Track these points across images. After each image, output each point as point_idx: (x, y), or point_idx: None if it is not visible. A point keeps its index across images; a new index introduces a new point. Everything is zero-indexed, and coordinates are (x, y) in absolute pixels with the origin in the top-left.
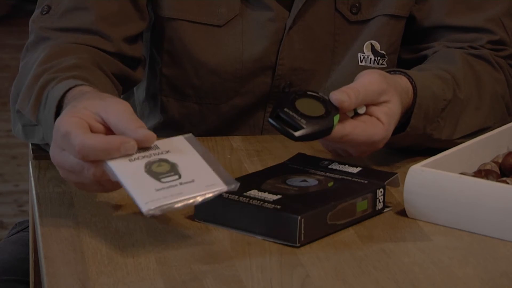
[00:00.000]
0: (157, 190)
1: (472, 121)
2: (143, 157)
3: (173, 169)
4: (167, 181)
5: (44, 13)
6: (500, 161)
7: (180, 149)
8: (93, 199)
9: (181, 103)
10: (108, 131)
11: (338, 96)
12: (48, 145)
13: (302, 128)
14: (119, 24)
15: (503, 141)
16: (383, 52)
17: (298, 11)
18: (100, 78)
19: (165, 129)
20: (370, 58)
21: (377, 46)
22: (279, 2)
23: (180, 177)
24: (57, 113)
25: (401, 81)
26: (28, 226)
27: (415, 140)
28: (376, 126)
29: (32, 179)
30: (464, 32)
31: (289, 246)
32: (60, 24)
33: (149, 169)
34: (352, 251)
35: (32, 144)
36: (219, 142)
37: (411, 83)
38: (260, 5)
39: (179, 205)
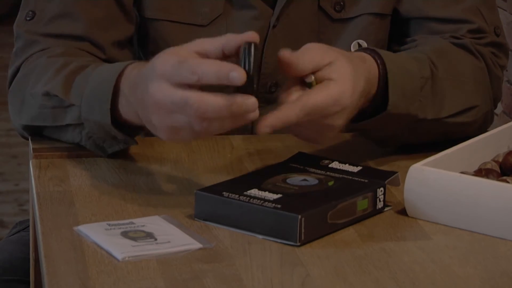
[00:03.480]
0: (133, 246)
1: (457, 99)
2: (119, 229)
3: (149, 235)
4: (143, 243)
5: (28, 18)
6: (500, 160)
7: (155, 223)
8: (93, 198)
9: None
10: None
11: (283, 54)
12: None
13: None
14: (108, 29)
15: (503, 140)
16: None
17: (281, 8)
18: None
19: None
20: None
21: (364, 44)
22: (262, 0)
23: (156, 240)
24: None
25: (355, 52)
26: (29, 226)
27: (401, 123)
28: (330, 85)
29: (32, 178)
30: (443, 23)
31: (290, 245)
32: (48, 30)
33: (125, 235)
34: (352, 250)
35: (32, 142)
36: (219, 141)
37: (372, 56)
38: (244, 4)
39: (154, 253)
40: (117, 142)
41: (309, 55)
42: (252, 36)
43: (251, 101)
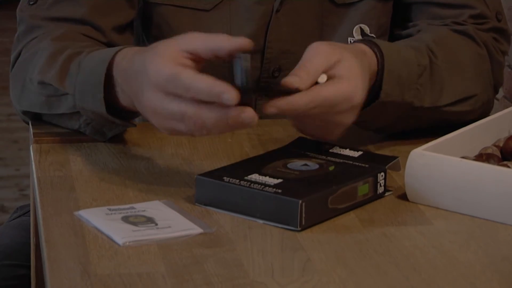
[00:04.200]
0: (134, 231)
1: (455, 88)
2: (120, 213)
3: (150, 220)
4: (144, 227)
5: (31, 3)
6: (501, 145)
7: (156, 208)
8: (94, 183)
9: None
10: (198, 63)
11: (290, 81)
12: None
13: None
14: (109, 14)
15: (504, 124)
16: (373, 35)
17: None
18: None
19: None
20: (354, 39)
21: (367, 29)
22: None
23: (157, 224)
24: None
25: (356, 45)
26: (29, 211)
27: (396, 111)
28: (341, 82)
29: (33, 163)
30: (445, 8)
31: (290, 230)
32: (50, 13)
33: (126, 220)
34: (353, 235)
35: (33, 127)
36: None
37: (372, 49)
38: None
39: (155, 238)
40: (116, 125)
41: (317, 60)
42: (245, 43)
43: (247, 114)
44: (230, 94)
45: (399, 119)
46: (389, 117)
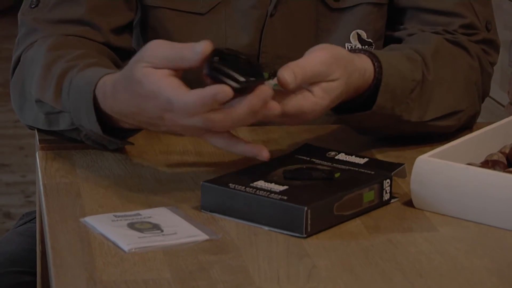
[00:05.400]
0: (140, 237)
1: (444, 103)
2: (125, 220)
3: (156, 227)
4: (150, 234)
5: (33, 6)
6: (507, 151)
7: (162, 215)
8: (100, 190)
9: None
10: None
11: (285, 76)
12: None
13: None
14: (108, 15)
15: (510, 131)
16: (370, 40)
17: None
18: (111, 65)
19: None
20: (358, 47)
21: (364, 35)
22: None
23: (162, 231)
24: (94, 97)
25: (360, 60)
26: (35, 218)
27: (383, 121)
28: (307, 99)
29: (39, 169)
30: (436, 14)
31: (296, 236)
32: (51, 16)
33: (132, 226)
34: (359, 241)
35: (39, 134)
36: None
37: (374, 63)
38: None
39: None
40: (115, 142)
41: (317, 70)
42: (204, 46)
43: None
44: (222, 92)
45: (383, 127)
46: (374, 124)
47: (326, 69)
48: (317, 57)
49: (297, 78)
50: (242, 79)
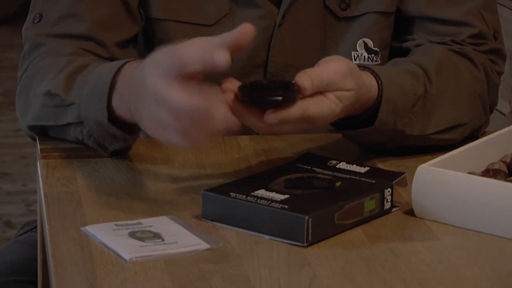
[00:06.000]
0: (141, 246)
1: (446, 116)
2: (126, 229)
3: (157, 236)
4: (151, 243)
5: (36, 21)
6: (508, 160)
7: (163, 224)
8: (101, 199)
9: None
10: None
11: (303, 81)
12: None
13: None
14: (112, 29)
15: (511, 140)
16: (376, 49)
17: (286, 7)
18: None
19: None
20: (364, 56)
21: (370, 43)
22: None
23: (163, 240)
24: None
25: (366, 76)
26: (36, 227)
27: (386, 136)
28: (322, 102)
29: (40, 178)
30: (444, 24)
31: (297, 245)
32: (55, 30)
33: (133, 235)
34: (360, 250)
35: (40, 143)
36: (227, 141)
37: (377, 80)
38: (249, 3)
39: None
40: (117, 139)
41: (333, 79)
42: (245, 31)
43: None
44: (221, 56)
45: (386, 142)
46: (377, 139)
47: (341, 79)
48: (333, 66)
49: (314, 84)
50: (279, 91)
